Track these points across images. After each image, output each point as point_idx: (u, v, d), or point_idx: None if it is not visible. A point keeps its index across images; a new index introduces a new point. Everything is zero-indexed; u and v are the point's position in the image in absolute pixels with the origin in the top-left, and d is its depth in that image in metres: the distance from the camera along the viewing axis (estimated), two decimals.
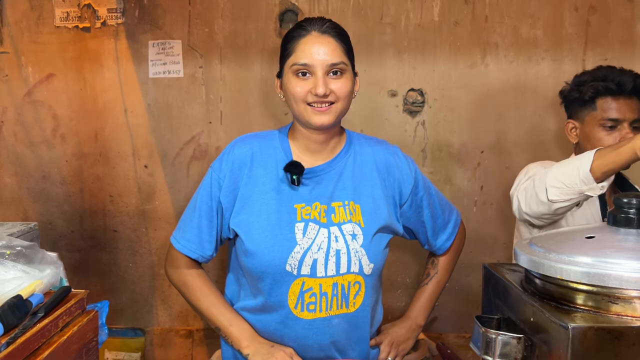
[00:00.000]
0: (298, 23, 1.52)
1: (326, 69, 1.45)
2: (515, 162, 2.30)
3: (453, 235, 1.73)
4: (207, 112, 2.38)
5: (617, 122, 1.70)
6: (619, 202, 1.13)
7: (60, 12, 2.36)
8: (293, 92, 1.47)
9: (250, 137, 1.60)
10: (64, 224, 2.47)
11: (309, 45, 1.46)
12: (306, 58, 1.45)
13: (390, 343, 1.66)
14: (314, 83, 1.45)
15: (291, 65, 1.47)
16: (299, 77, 1.47)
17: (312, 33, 1.47)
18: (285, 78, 1.51)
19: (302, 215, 1.49)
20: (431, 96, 2.31)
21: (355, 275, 1.50)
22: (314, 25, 1.48)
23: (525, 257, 1.13)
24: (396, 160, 1.62)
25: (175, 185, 2.42)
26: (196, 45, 2.34)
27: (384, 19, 2.28)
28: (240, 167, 1.53)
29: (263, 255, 1.47)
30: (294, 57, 1.47)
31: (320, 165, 1.54)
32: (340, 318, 1.51)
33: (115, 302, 2.43)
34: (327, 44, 1.46)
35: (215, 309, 1.57)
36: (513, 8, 2.24)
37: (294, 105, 1.49)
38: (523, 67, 2.26)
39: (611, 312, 0.99)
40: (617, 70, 1.74)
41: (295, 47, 1.47)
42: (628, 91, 1.69)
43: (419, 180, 1.63)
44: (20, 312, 1.18)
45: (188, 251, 1.57)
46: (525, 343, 1.08)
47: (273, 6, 2.31)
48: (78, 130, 2.42)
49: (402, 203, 1.61)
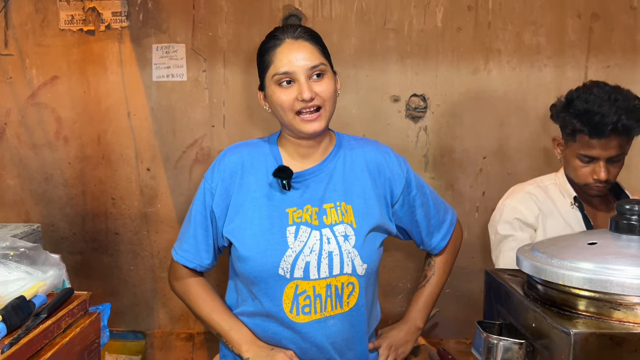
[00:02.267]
0: (270, 33, 1.52)
1: (307, 73, 1.45)
2: (518, 168, 2.31)
3: (448, 234, 1.73)
4: (210, 116, 2.38)
5: (593, 158, 1.70)
6: (621, 208, 1.13)
7: (65, 15, 2.37)
8: (279, 102, 1.47)
9: (240, 146, 1.61)
10: (66, 226, 2.48)
11: (285, 53, 1.46)
12: (286, 66, 1.45)
13: (389, 346, 1.66)
14: (298, 89, 1.45)
15: (272, 76, 1.47)
16: (282, 86, 1.46)
17: (286, 41, 1.47)
18: (268, 90, 1.51)
19: (293, 219, 1.50)
20: (434, 102, 2.31)
21: (349, 276, 1.50)
22: (287, 33, 1.49)
23: (527, 263, 1.13)
24: (387, 159, 1.62)
25: (177, 189, 2.43)
26: (200, 49, 2.35)
27: (387, 25, 2.29)
28: (231, 176, 1.54)
29: (256, 260, 1.47)
30: (274, 67, 1.47)
31: (310, 168, 1.55)
32: (335, 319, 1.51)
33: (116, 304, 2.43)
34: (303, 48, 1.46)
35: (215, 314, 1.58)
36: (516, 15, 2.25)
37: (282, 115, 1.49)
38: (525, 74, 2.26)
39: (613, 319, 1.00)
40: (599, 106, 1.65)
41: (273, 58, 1.47)
42: (609, 134, 1.64)
43: (411, 180, 1.63)
44: (23, 313, 1.19)
45: (186, 261, 1.59)
46: (526, 349, 1.08)
47: (277, 11, 2.32)
48: (81, 132, 2.42)
49: (393, 202, 1.61)
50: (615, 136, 1.65)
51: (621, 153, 1.69)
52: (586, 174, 1.72)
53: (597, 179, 1.70)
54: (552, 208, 1.81)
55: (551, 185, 1.86)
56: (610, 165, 1.70)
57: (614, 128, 1.62)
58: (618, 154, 1.68)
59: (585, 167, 1.72)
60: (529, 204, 1.82)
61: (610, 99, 1.65)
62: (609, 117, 1.62)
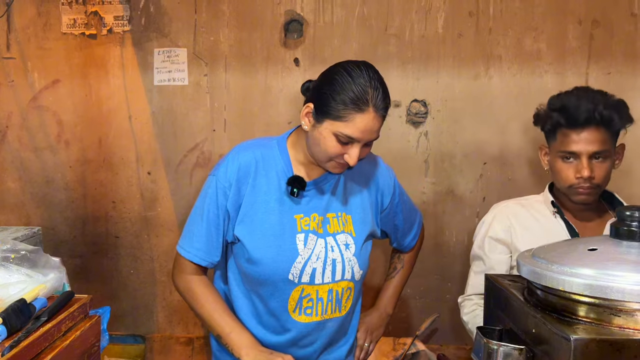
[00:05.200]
0: (363, 90, 1.41)
1: (363, 142, 1.45)
2: (518, 173, 2.31)
3: (417, 235, 1.86)
4: (211, 120, 2.39)
5: (574, 154, 1.65)
6: (622, 214, 1.13)
7: (67, 19, 2.37)
8: (328, 150, 1.45)
9: (252, 146, 1.61)
10: (66, 229, 2.48)
11: (364, 123, 1.41)
12: (354, 134, 1.41)
13: (366, 330, 1.78)
14: (349, 154, 1.44)
15: (336, 129, 1.42)
16: (338, 140, 1.43)
17: (369, 111, 1.41)
18: (322, 127, 1.44)
19: (301, 226, 1.55)
20: (434, 107, 2.32)
21: (348, 282, 1.60)
22: (374, 102, 1.42)
23: (527, 269, 1.14)
24: (379, 170, 1.70)
25: (178, 193, 2.43)
26: (201, 54, 2.36)
27: (389, 30, 2.30)
28: (245, 175, 1.54)
29: (267, 265, 1.52)
30: (344, 126, 1.41)
31: (318, 177, 1.59)
32: (333, 321, 1.61)
33: (116, 308, 2.43)
34: (378, 124, 1.44)
35: (216, 315, 1.58)
36: (517, 21, 2.25)
37: (318, 153, 1.48)
38: (526, 80, 2.27)
39: (613, 325, 1.00)
40: (579, 96, 1.65)
41: (349, 117, 1.41)
42: (587, 123, 1.61)
43: (397, 189, 1.73)
44: (23, 315, 1.19)
45: (199, 260, 1.58)
46: (527, 354, 1.08)
47: (278, 16, 2.32)
48: (82, 136, 2.43)
49: (383, 209, 1.71)
50: (595, 129, 1.62)
51: (605, 150, 1.64)
52: (569, 174, 1.66)
53: (580, 178, 1.64)
54: (531, 222, 1.78)
55: (535, 202, 1.83)
56: (595, 163, 1.64)
57: (590, 117, 1.61)
58: (601, 150, 1.63)
59: (568, 167, 1.67)
60: (501, 219, 1.83)
61: (588, 93, 1.66)
62: (585, 105, 1.62)
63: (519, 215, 1.81)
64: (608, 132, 1.65)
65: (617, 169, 1.74)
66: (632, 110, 2.22)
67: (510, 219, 1.81)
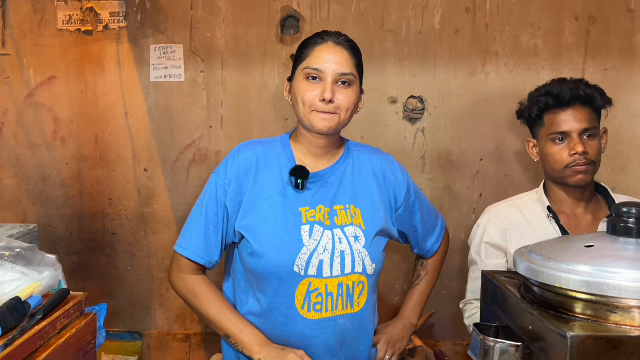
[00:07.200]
0: (317, 33, 1.58)
1: (335, 78, 1.50)
2: (515, 170, 2.31)
3: (440, 238, 1.81)
4: (208, 117, 2.38)
5: (564, 134, 1.69)
6: (619, 211, 1.13)
7: (63, 15, 2.36)
8: (302, 95, 1.52)
9: (254, 143, 1.62)
10: (63, 226, 2.47)
11: (323, 52, 1.52)
12: (318, 64, 1.50)
13: (387, 342, 1.70)
14: (322, 88, 1.49)
15: (303, 69, 1.52)
16: (308, 80, 1.52)
17: (328, 42, 1.53)
18: (295, 81, 1.56)
19: (307, 218, 1.53)
20: (431, 104, 2.32)
21: (359, 275, 1.54)
22: (332, 37, 1.54)
23: (524, 265, 1.14)
24: (391, 167, 1.68)
25: (174, 189, 2.42)
26: (198, 50, 2.35)
27: (385, 27, 2.29)
28: (246, 172, 1.55)
29: (271, 257, 1.49)
30: (307, 61, 1.52)
31: (323, 170, 1.58)
32: (345, 318, 1.54)
33: (113, 305, 2.43)
34: (340, 54, 1.52)
35: (223, 315, 1.56)
36: (514, 17, 2.25)
37: (300, 108, 1.54)
38: (523, 76, 2.27)
39: (610, 322, 1.00)
40: (560, 82, 1.73)
41: (310, 53, 1.53)
42: (573, 101, 1.67)
43: (411, 186, 1.70)
44: (18, 313, 1.18)
45: (197, 258, 1.57)
46: (523, 351, 1.08)
47: (275, 12, 2.32)
48: (79, 133, 2.42)
49: (397, 207, 1.67)
50: (581, 106, 1.68)
51: (593, 127, 1.68)
52: (563, 154, 1.69)
53: (575, 154, 1.66)
54: (525, 225, 1.79)
55: (529, 200, 1.84)
56: (586, 140, 1.68)
57: (575, 94, 1.67)
58: (589, 126, 1.68)
59: (560, 148, 1.70)
60: (496, 223, 1.84)
61: (567, 80, 1.74)
62: (568, 85, 1.70)
63: (514, 220, 1.82)
64: (592, 111, 1.70)
65: (604, 152, 1.76)
66: (629, 106, 2.24)
67: (505, 223, 1.82)
